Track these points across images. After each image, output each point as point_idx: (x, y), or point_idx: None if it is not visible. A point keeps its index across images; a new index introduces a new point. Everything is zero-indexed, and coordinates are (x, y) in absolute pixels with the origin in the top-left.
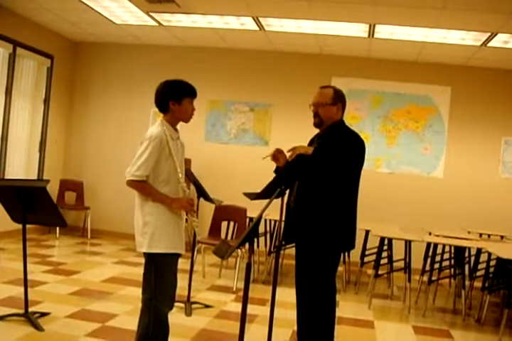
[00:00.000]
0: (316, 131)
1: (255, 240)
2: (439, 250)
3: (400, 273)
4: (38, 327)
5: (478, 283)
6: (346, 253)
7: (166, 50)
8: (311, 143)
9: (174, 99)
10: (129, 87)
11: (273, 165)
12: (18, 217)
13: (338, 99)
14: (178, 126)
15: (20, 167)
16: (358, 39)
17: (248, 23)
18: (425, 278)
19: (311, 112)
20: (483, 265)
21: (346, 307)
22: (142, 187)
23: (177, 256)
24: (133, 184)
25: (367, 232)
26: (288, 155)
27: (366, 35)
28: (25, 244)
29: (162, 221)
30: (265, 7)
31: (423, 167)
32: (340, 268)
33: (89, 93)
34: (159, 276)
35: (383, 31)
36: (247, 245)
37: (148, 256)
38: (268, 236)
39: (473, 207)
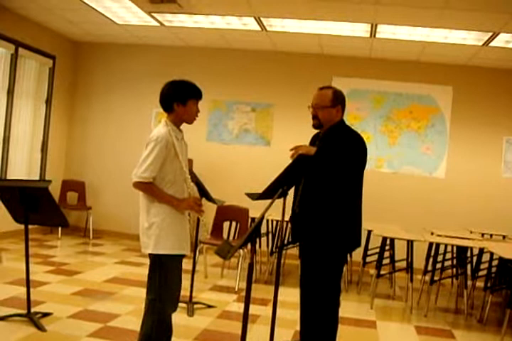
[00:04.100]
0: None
1: (257, 240)
2: (441, 250)
3: (402, 273)
4: (41, 328)
5: (480, 283)
6: (349, 253)
7: (167, 50)
8: (311, 144)
9: (179, 100)
10: (130, 88)
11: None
12: (21, 217)
13: (338, 100)
14: (181, 126)
15: (22, 167)
16: (360, 39)
17: (250, 24)
18: (427, 278)
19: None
20: (486, 265)
21: (348, 307)
22: (149, 188)
23: (182, 256)
24: (140, 186)
25: (369, 232)
26: (290, 154)
27: (368, 35)
28: (27, 245)
29: (168, 222)
30: (267, 7)
31: (425, 167)
32: (343, 268)
33: (91, 93)
34: (164, 277)
35: (385, 31)
36: (249, 245)
37: (154, 257)
38: (270, 236)
39: (475, 206)
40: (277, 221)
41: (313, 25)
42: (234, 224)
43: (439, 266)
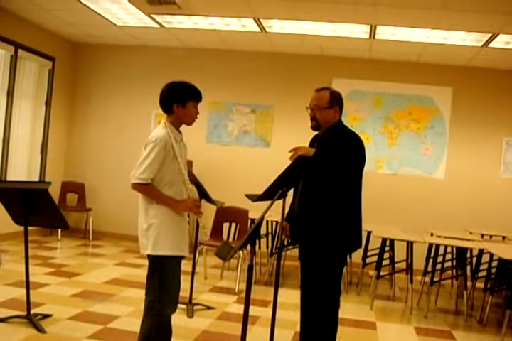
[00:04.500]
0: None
1: (257, 241)
2: (441, 251)
3: (401, 274)
4: (40, 329)
5: (480, 284)
6: (348, 255)
7: (167, 51)
8: (311, 146)
9: (178, 101)
10: (130, 89)
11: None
12: (20, 219)
13: (335, 101)
14: (181, 127)
15: (22, 169)
16: (359, 40)
17: (249, 25)
18: (427, 279)
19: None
20: (485, 266)
21: (348, 308)
22: (148, 190)
23: (181, 258)
24: (138, 187)
25: (369, 233)
26: (289, 155)
27: (367, 36)
28: (27, 246)
29: (166, 223)
30: (266, 9)
31: (424, 168)
32: (343, 270)
33: (91, 95)
34: (163, 279)
35: (384, 32)
36: (248, 246)
37: (153, 259)
38: (270, 237)
39: (474, 207)
40: (277, 222)
41: (313, 26)
42: (234, 225)
43: (438, 267)
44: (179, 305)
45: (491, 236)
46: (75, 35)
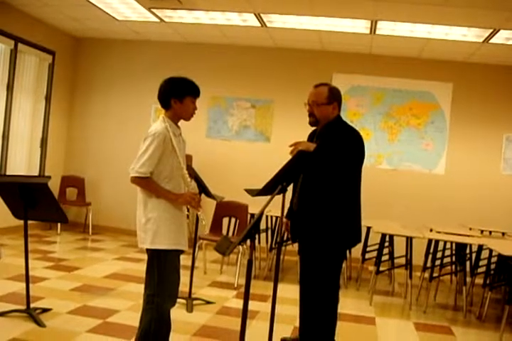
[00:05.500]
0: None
1: (257, 236)
2: (441, 247)
3: (401, 270)
4: (40, 323)
5: (479, 280)
6: (348, 250)
7: (167, 46)
8: (309, 141)
9: (176, 96)
10: (130, 83)
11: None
12: (20, 213)
13: (333, 97)
14: (180, 122)
15: (21, 163)
16: (360, 35)
17: (250, 20)
18: (426, 275)
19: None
20: (485, 262)
21: (347, 303)
22: (146, 183)
23: (180, 252)
24: (137, 180)
25: (368, 229)
26: (289, 150)
27: (368, 31)
28: (26, 240)
29: (165, 217)
30: (267, 3)
31: (424, 163)
32: (342, 265)
33: (91, 89)
34: (162, 273)
35: (385, 27)
36: (248, 241)
37: (151, 253)
38: (269, 232)
39: (474, 203)
40: (277, 217)
41: (313, 21)
42: (233, 220)
43: (438, 262)
44: (179, 300)
45: (490, 232)
46: (75, 30)
